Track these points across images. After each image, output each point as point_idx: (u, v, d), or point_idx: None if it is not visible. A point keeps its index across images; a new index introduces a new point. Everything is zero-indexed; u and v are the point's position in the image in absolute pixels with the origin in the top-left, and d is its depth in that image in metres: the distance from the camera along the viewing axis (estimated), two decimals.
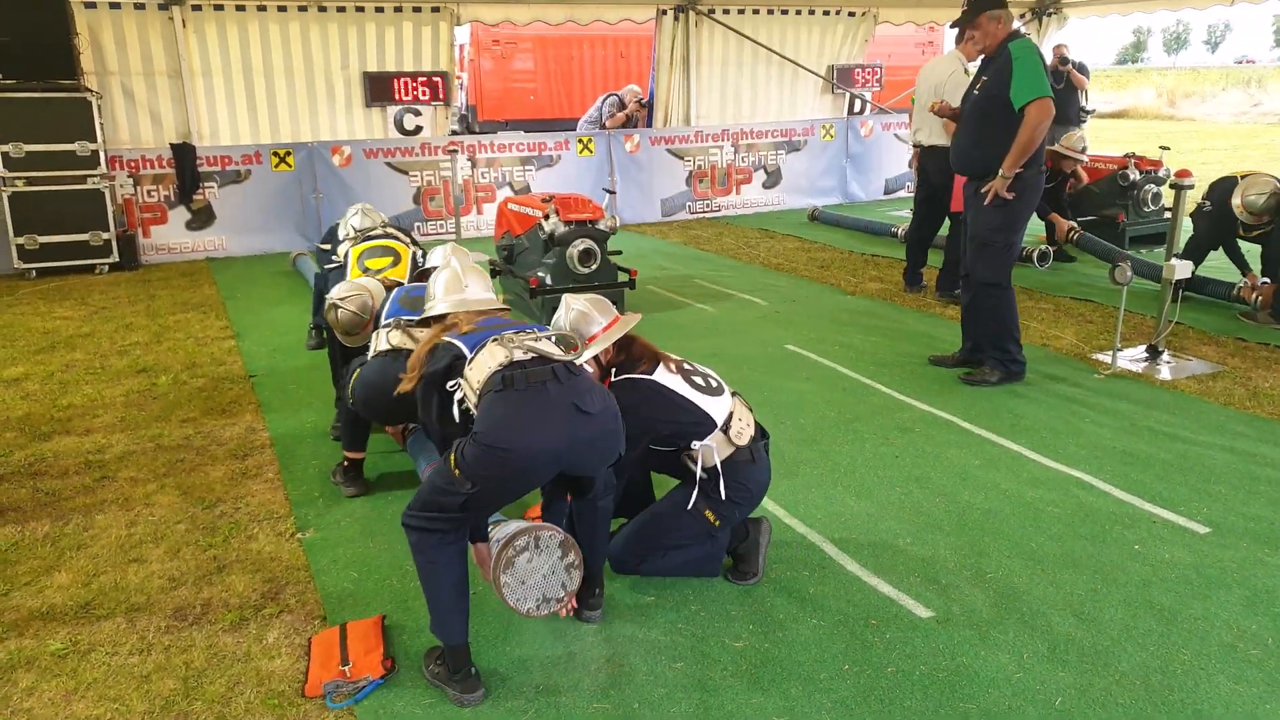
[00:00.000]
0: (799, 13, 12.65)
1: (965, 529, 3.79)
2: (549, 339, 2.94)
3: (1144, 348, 5.96)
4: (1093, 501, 4.02)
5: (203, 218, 9.78)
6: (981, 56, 5.50)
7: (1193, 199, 6.88)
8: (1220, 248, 7.25)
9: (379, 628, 3.11)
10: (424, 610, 2.95)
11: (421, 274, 4.77)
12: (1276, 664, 2.91)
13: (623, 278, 7.11)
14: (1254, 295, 6.77)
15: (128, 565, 3.57)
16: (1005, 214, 5.33)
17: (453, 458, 2.70)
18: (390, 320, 4.06)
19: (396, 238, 5.42)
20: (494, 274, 7.60)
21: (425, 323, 3.37)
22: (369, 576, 3.46)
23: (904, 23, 13.52)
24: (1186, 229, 9.41)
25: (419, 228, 10.38)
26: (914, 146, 7.81)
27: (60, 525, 3.89)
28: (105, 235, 8.84)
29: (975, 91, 5.45)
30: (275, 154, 9.91)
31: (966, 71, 6.85)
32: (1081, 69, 12.17)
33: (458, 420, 2.93)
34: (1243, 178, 6.95)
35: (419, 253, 5.22)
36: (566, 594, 2.86)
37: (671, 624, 3.15)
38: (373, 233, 5.51)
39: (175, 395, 5.48)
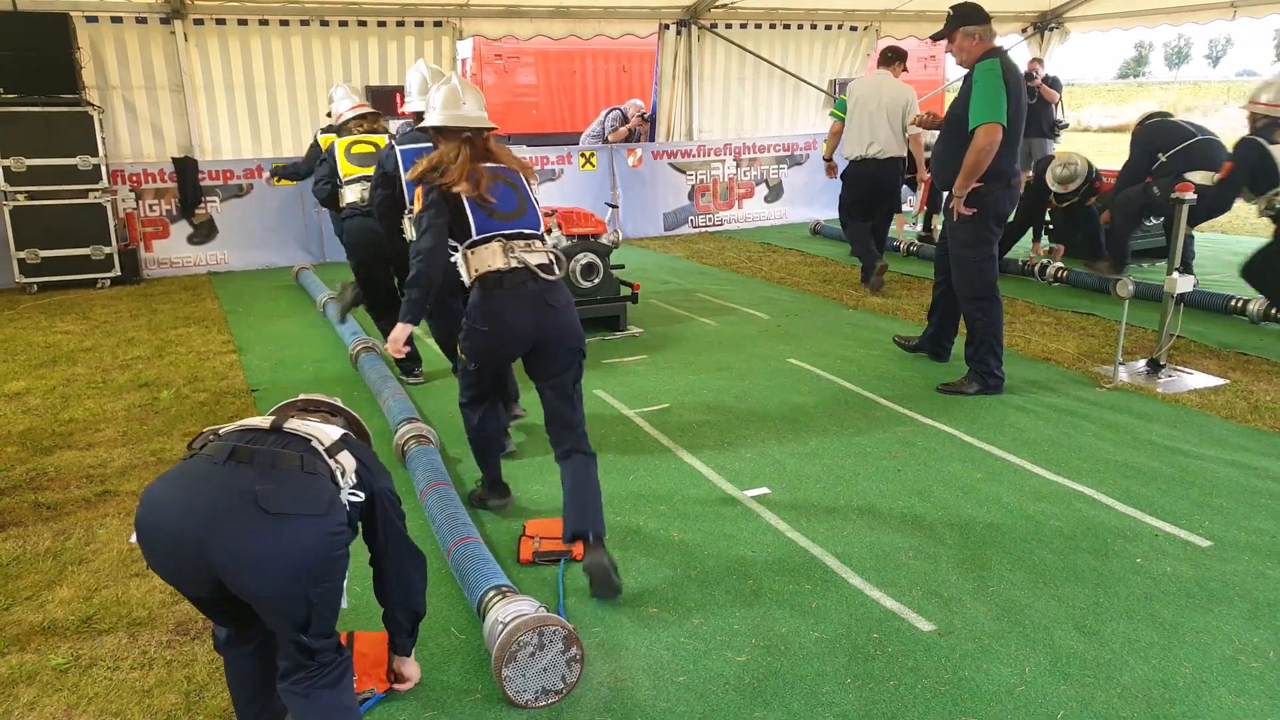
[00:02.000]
0: (801, 27, 12.70)
1: (967, 542, 3.79)
2: (541, 252, 3.58)
3: (1145, 361, 5.96)
4: (1095, 515, 4.01)
5: (205, 232, 9.81)
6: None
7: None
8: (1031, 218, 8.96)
9: (385, 644, 3.10)
10: (429, 626, 2.97)
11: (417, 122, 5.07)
12: (1278, 677, 2.90)
13: (625, 292, 7.12)
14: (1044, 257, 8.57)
15: (129, 580, 3.56)
16: (969, 230, 5.46)
17: (459, 349, 3.74)
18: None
19: (377, 134, 6.02)
20: None
21: (424, 131, 3.92)
22: (370, 591, 3.45)
23: (906, 37, 13.55)
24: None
25: None
26: (852, 158, 8.32)
27: (62, 540, 3.89)
28: (107, 249, 8.86)
29: (953, 108, 5.55)
30: (275, 171, 9.94)
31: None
32: (1054, 83, 12.19)
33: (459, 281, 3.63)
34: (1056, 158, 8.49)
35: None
36: (566, 686, 2.85)
37: (674, 638, 3.15)
38: (356, 128, 6.07)
39: (177, 409, 5.49)
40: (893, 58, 8.37)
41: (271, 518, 2.11)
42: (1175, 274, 5.66)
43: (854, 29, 13.01)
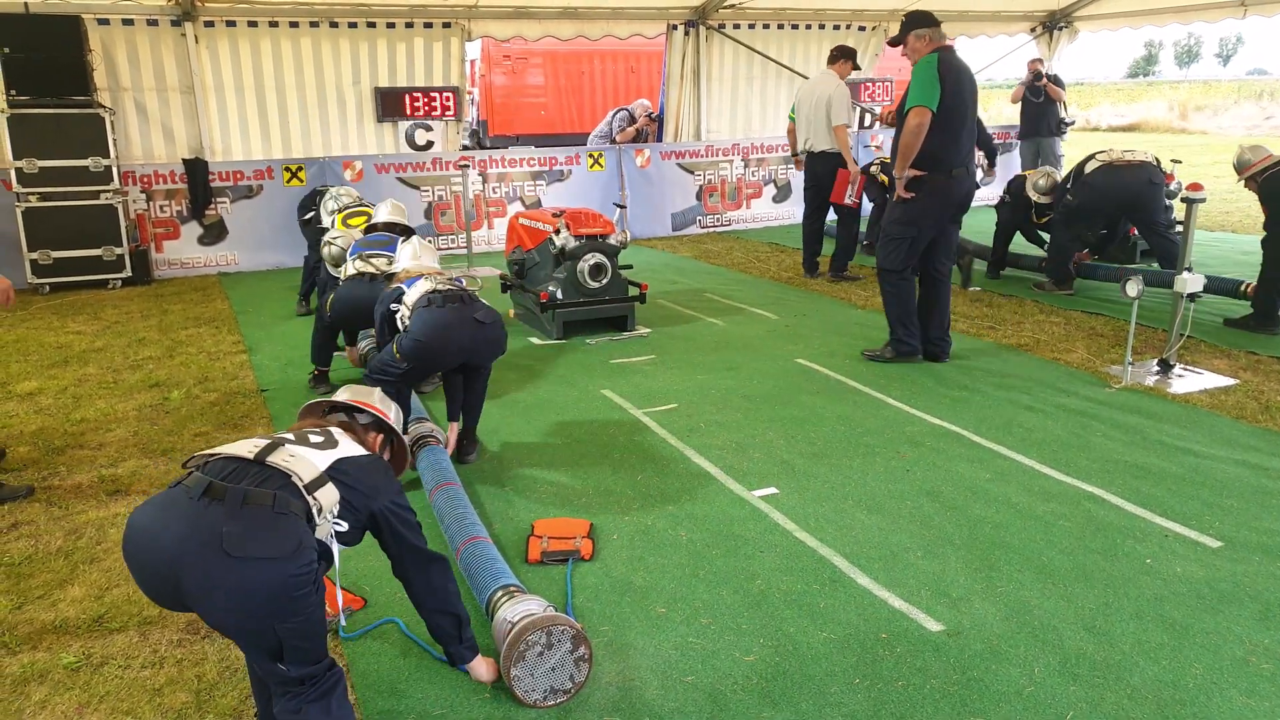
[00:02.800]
0: (809, 27, 12.70)
1: (976, 543, 3.78)
2: (459, 281, 4.55)
3: (1155, 361, 5.94)
4: (1104, 515, 4.00)
5: (215, 233, 9.86)
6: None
7: (1205, 210, 6.92)
8: (1019, 231, 9.02)
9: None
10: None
11: (371, 227, 6.34)
12: None
13: (633, 292, 7.13)
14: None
15: None
16: (904, 210, 5.96)
17: (395, 348, 4.36)
18: (354, 254, 5.70)
19: (366, 206, 7.08)
20: (505, 288, 7.64)
21: (390, 276, 5.06)
22: (379, 589, 3.47)
23: None
24: (1200, 242, 9.45)
25: (431, 242, 10.44)
26: (801, 154, 9.08)
27: (73, 539, 3.91)
28: (118, 250, 8.91)
29: (900, 103, 6.00)
30: (287, 169, 9.99)
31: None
32: (1057, 81, 12.21)
33: (398, 327, 4.49)
34: (1029, 174, 8.80)
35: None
36: (574, 685, 2.86)
37: (682, 638, 3.15)
38: (349, 206, 7.14)
39: (188, 409, 5.51)
40: (838, 56, 8.86)
41: (234, 560, 2.13)
42: (1185, 273, 5.64)
43: (862, 29, 13.00)
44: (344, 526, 2.41)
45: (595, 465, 4.63)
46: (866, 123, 13.69)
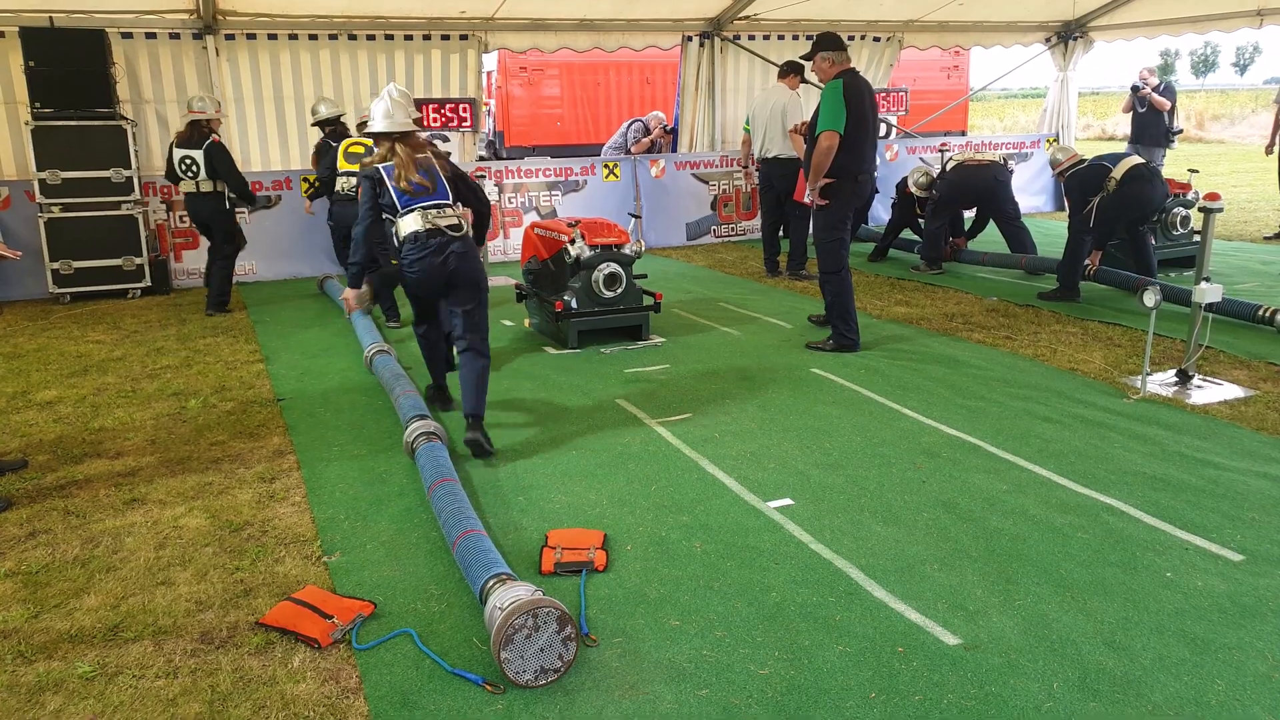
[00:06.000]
0: None
1: (993, 555, 3.75)
2: (451, 216, 4.85)
3: (1174, 372, 5.89)
4: (1123, 528, 3.97)
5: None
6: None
7: (1222, 220, 6.87)
8: (908, 228, 10.56)
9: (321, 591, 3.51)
10: (450, 631, 3.07)
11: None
12: None
13: (648, 301, 7.13)
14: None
15: (156, 588, 3.60)
16: (824, 216, 6.65)
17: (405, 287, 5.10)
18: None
19: (364, 140, 7.13)
20: (520, 298, 7.65)
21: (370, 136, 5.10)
22: (394, 600, 3.47)
23: (929, 47, 13.53)
24: (1218, 252, 9.38)
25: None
26: (756, 162, 9.92)
27: (90, 548, 3.93)
28: (138, 260, 8.98)
29: (812, 119, 6.66)
30: (305, 180, 10.04)
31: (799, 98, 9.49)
32: (1167, 91, 12.22)
33: (392, 241, 4.95)
34: (910, 173, 10.32)
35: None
36: (564, 664, 2.94)
37: (696, 650, 3.14)
38: (352, 140, 7.55)
39: (205, 418, 5.54)
40: (788, 70, 9.46)
41: None
42: (1203, 283, 5.59)
43: (877, 40, 12.98)
44: None
45: (609, 475, 4.62)
46: (882, 132, 13.67)
